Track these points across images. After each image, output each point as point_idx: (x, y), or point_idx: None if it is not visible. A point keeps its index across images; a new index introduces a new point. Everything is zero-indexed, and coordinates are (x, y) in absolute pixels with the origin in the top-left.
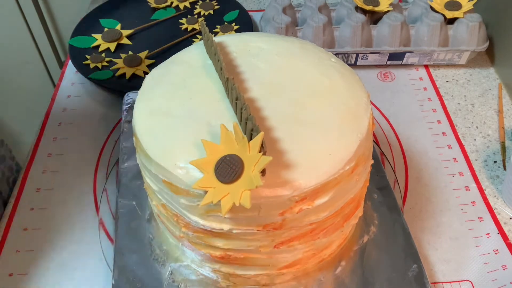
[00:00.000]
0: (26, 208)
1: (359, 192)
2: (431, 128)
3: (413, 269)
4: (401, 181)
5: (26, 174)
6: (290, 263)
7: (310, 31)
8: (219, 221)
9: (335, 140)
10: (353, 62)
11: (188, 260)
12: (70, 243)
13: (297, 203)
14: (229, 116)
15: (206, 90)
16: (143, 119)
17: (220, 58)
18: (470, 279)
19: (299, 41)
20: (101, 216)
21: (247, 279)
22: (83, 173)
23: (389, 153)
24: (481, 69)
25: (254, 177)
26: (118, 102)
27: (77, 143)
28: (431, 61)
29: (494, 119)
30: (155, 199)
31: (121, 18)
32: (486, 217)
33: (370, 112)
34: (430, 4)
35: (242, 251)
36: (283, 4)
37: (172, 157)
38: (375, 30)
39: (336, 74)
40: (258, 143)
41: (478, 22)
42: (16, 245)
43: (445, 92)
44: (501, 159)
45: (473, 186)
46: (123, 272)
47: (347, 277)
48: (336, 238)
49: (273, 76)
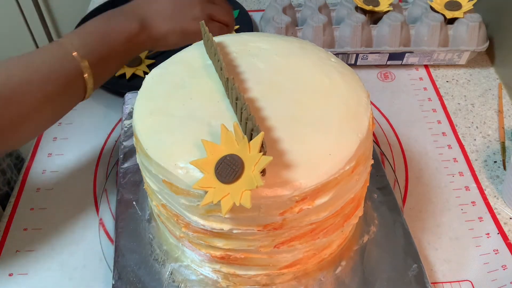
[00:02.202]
0: (26, 208)
1: (359, 192)
2: (431, 128)
3: (413, 269)
4: (401, 181)
5: (26, 174)
6: (290, 263)
7: (310, 31)
8: (219, 221)
9: (335, 140)
10: (353, 62)
11: (188, 260)
12: (70, 243)
13: (297, 203)
14: (229, 116)
15: (206, 90)
16: (143, 119)
17: (220, 58)
18: (470, 279)
19: (299, 41)
20: (101, 216)
21: (247, 279)
22: (83, 173)
23: (389, 153)
24: (481, 69)
25: (255, 177)
26: (118, 102)
27: (77, 143)
28: (431, 61)
29: (494, 119)
30: (155, 199)
31: None
32: (486, 217)
33: (370, 112)
34: (430, 4)
35: (242, 251)
36: (283, 4)
37: (172, 157)
38: (375, 30)
39: (336, 74)
40: (259, 143)
41: (478, 22)
42: (16, 245)
43: (445, 92)
44: (501, 159)
45: (473, 186)
46: (123, 272)
47: (347, 277)
48: (336, 238)
49: (273, 76)
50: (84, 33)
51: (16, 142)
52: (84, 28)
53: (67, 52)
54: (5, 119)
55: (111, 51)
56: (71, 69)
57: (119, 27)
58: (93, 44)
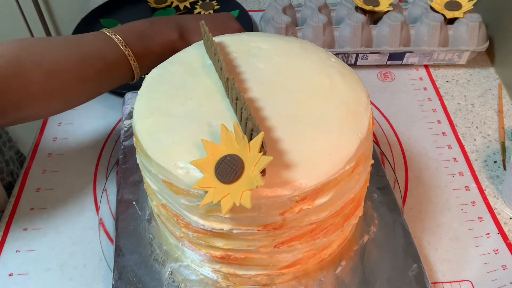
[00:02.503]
0: (26, 208)
1: (359, 192)
2: (431, 128)
3: (413, 269)
4: (401, 181)
5: (26, 174)
6: (290, 263)
7: (310, 31)
8: (219, 221)
9: (335, 140)
10: (353, 62)
11: (188, 260)
12: (70, 243)
13: (297, 203)
14: (229, 116)
15: (206, 90)
16: (143, 119)
17: (220, 58)
18: (470, 279)
19: (299, 41)
20: (101, 216)
21: (247, 279)
22: (83, 173)
23: (389, 153)
24: (481, 69)
25: (255, 177)
26: (118, 102)
27: (77, 143)
28: (431, 61)
29: (494, 119)
30: (155, 199)
31: (121, 18)
32: (486, 217)
33: (370, 111)
34: (430, 4)
35: (242, 251)
36: (283, 4)
37: (172, 157)
38: (375, 30)
39: (336, 74)
40: (259, 143)
41: (478, 22)
42: (16, 245)
43: (445, 92)
44: (501, 159)
45: (473, 186)
46: (123, 272)
47: (347, 277)
48: (336, 238)
49: (273, 76)
50: (126, 30)
51: (45, 111)
52: (127, 25)
53: (109, 38)
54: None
55: (148, 49)
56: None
57: (160, 31)
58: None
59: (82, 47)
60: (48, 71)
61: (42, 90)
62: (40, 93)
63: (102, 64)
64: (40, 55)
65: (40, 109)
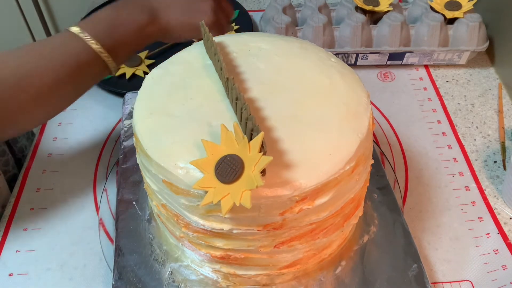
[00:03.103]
0: (26, 208)
1: (359, 192)
2: (431, 128)
3: (413, 269)
4: (401, 181)
5: (26, 174)
6: (290, 263)
7: (310, 31)
8: (219, 221)
9: (335, 140)
10: (353, 62)
11: (188, 260)
12: (70, 243)
13: (297, 203)
14: (229, 116)
15: (206, 90)
16: (143, 119)
17: (220, 58)
18: (470, 279)
19: (299, 41)
20: (101, 216)
21: (247, 279)
22: (83, 173)
23: (389, 153)
24: (481, 69)
25: (255, 177)
26: (118, 102)
27: (77, 143)
28: (431, 61)
29: (494, 119)
30: (155, 199)
31: None
32: (486, 217)
33: (370, 111)
34: (430, 4)
35: (243, 251)
36: (283, 4)
37: (172, 157)
38: (375, 30)
39: (336, 74)
40: (259, 143)
41: (478, 22)
42: (16, 245)
43: (445, 92)
44: (501, 159)
45: (473, 186)
46: (123, 272)
47: (347, 277)
48: (336, 238)
49: (273, 76)
50: (93, 21)
51: (28, 124)
52: (94, 17)
53: (78, 38)
54: (14, 105)
55: (120, 40)
56: (83, 53)
57: (129, 18)
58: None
59: (52, 53)
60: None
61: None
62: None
63: (76, 66)
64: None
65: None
